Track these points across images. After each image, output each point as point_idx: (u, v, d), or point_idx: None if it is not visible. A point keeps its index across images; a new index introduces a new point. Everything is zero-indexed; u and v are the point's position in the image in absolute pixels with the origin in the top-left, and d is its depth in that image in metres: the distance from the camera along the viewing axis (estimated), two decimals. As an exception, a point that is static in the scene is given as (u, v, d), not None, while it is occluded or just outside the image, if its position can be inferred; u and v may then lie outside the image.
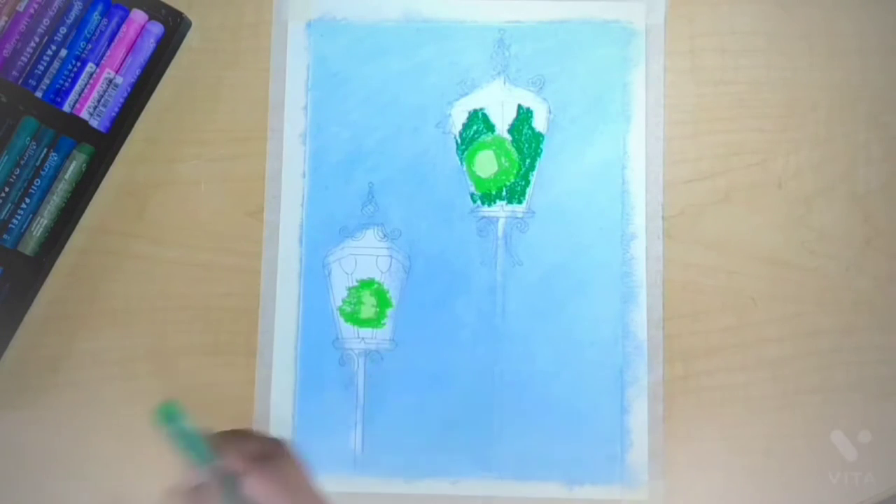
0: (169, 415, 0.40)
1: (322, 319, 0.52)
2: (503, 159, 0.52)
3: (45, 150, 0.51)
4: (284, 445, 0.42)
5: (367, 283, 0.52)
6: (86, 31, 0.51)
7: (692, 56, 0.53)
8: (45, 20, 0.51)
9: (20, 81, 0.51)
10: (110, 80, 0.51)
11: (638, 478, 0.50)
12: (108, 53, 0.51)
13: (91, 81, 0.51)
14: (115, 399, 0.51)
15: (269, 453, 0.41)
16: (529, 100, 0.52)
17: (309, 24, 0.53)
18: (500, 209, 0.52)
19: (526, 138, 0.52)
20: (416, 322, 0.51)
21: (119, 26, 0.52)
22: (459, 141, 0.52)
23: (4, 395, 0.51)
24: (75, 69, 0.51)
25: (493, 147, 0.52)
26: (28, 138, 0.50)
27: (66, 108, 0.51)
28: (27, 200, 0.50)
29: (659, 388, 0.51)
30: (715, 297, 0.51)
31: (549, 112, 0.52)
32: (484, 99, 0.53)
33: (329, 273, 0.52)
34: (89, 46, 0.51)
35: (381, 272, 0.52)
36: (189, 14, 0.53)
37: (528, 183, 0.52)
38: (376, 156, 0.52)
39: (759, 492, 0.50)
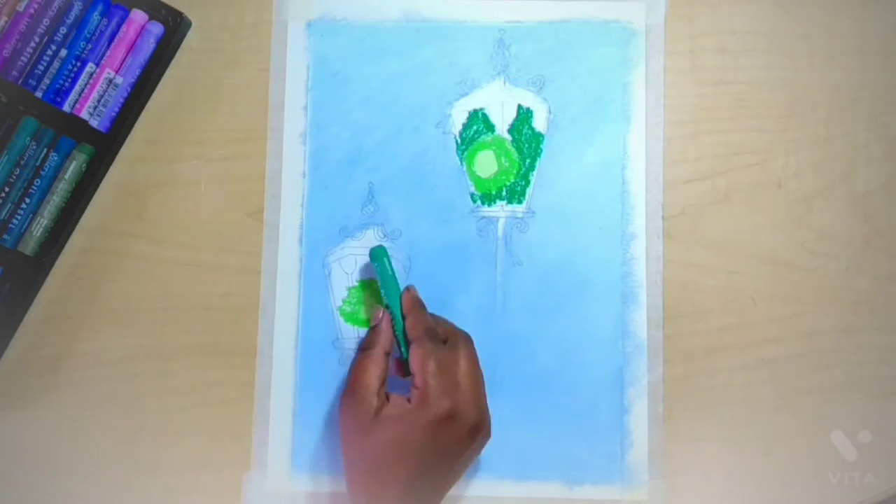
0: (378, 255, 0.49)
1: (322, 319, 0.52)
2: (503, 159, 0.52)
3: (45, 150, 0.51)
4: (466, 339, 0.47)
5: (367, 283, 0.52)
6: (86, 31, 0.51)
7: (692, 56, 0.53)
8: (45, 20, 0.51)
9: (20, 81, 0.51)
10: (110, 80, 0.51)
11: (638, 478, 0.50)
12: (108, 53, 0.51)
13: (91, 81, 0.51)
14: (115, 399, 0.51)
15: (448, 338, 0.47)
16: (529, 100, 0.53)
17: (309, 24, 0.53)
18: (500, 209, 0.52)
19: (526, 138, 0.52)
20: (416, 322, 0.51)
21: (119, 26, 0.52)
22: (459, 141, 0.52)
23: (4, 395, 0.51)
24: (75, 69, 0.51)
25: (493, 147, 0.52)
26: (28, 138, 0.50)
27: (66, 108, 0.51)
28: (27, 200, 0.50)
29: (659, 388, 0.51)
30: (715, 297, 0.51)
31: (549, 112, 0.52)
32: (484, 99, 0.53)
33: (329, 273, 0.52)
34: (89, 46, 0.51)
35: (381, 272, 0.52)
36: (189, 14, 0.53)
37: (528, 183, 0.52)
38: (376, 156, 0.52)
39: (759, 492, 0.50)
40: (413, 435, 0.43)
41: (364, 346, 0.48)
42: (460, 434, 0.44)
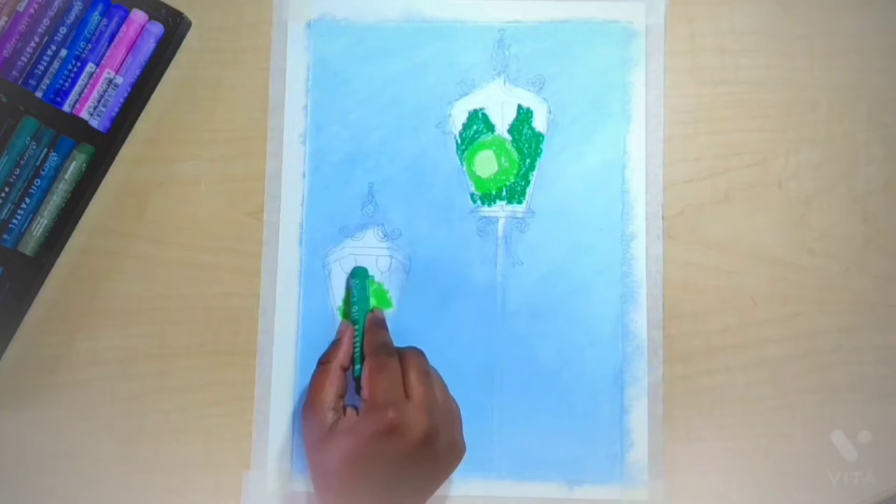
0: (359, 274, 0.51)
1: (322, 319, 0.52)
2: (503, 159, 0.52)
3: (45, 150, 0.51)
4: (415, 352, 0.48)
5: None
6: (86, 31, 0.51)
7: (692, 56, 0.53)
8: (45, 20, 0.51)
9: (20, 81, 0.51)
10: (110, 80, 0.51)
11: (638, 478, 0.50)
12: (108, 53, 0.51)
13: (91, 81, 0.51)
14: (115, 399, 0.51)
15: (403, 355, 0.47)
16: (529, 100, 0.53)
17: (309, 24, 0.53)
18: (500, 209, 0.52)
19: (526, 138, 0.52)
20: (416, 322, 0.51)
21: (119, 26, 0.52)
22: (459, 141, 0.52)
23: (4, 395, 0.51)
24: (75, 69, 0.51)
25: (493, 147, 0.52)
26: (28, 138, 0.50)
27: (66, 108, 0.51)
28: (27, 200, 0.50)
29: (659, 388, 0.51)
30: (715, 297, 0.51)
31: (549, 112, 0.52)
32: (484, 99, 0.53)
33: (329, 273, 0.52)
34: (89, 46, 0.51)
35: (381, 272, 0.52)
36: (189, 14, 0.53)
37: (528, 183, 0.52)
38: (376, 156, 0.52)
39: (759, 492, 0.50)
40: (360, 446, 0.43)
41: (323, 360, 0.49)
42: (409, 444, 0.43)
